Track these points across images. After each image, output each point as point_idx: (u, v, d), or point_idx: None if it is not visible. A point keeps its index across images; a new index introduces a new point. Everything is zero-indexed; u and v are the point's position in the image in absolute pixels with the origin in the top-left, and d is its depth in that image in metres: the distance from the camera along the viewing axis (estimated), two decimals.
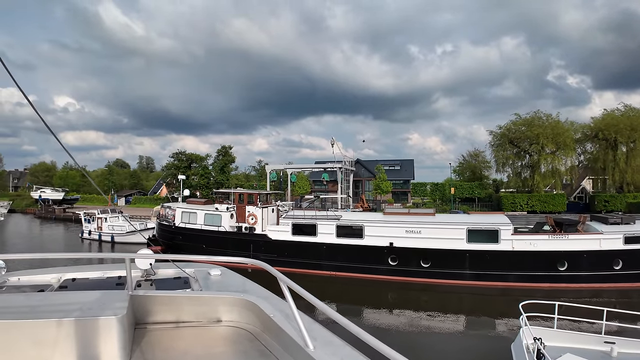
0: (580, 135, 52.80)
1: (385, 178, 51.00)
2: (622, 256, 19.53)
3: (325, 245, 22.49)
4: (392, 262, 21.16)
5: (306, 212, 24.46)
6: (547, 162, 50.30)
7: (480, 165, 66.64)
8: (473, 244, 20.27)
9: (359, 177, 61.50)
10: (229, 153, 62.91)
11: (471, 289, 19.77)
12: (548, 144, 48.79)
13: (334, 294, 19.51)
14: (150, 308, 3.41)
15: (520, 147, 51.72)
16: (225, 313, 3.54)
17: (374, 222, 22.12)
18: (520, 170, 53.16)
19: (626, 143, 49.30)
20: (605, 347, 8.67)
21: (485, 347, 12.85)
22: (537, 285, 19.44)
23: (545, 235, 20.25)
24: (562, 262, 19.69)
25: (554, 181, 52.30)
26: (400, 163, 67.59)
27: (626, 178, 49.01)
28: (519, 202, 48.83)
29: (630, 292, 18.95)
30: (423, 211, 25.19)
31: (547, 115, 51.69)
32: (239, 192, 27.27)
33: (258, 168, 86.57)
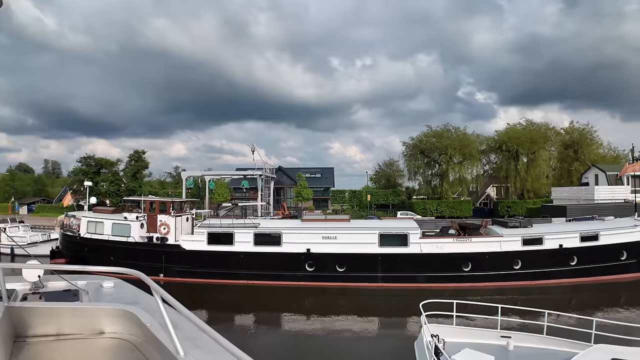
0: (486, 146, 58.02)
1: (306, 185, 51.67)
2: (521, 257, 21.34)
3: (242, 254, 22.16)
4: (310, 268, 21.42)
5: (222, 221, 23.97)
6: (455, 171, 54.51)
7: (395, 173, 70.38)
8: (385, 247, 21.14)
9: (281, 184, 61.59)
10: (142, 158, 59.75)
11: (383, 291, 20.61)
12: (456, 154, 52.93)
13: (251, 303, 19.27)
14: (30, 320, 3.27)
15: (431, 157, 55.35)
16: (107, 325, 3.48)
17: (291, 229, 22.24)
18: (431, 179, 56.92)
19: (527, 154, 54.90)
20: (502, 342, 9.27)
21: (395, 347, 13.45)
22: (444, 285, 20.65)
23: (451, 239, 21.71)
24: (467, 263, 21.15)
25: (461, 189, 56.53)
26: (321, 171, 68.87)
27: (526, 186, 54.48)
28: (429, 207, 51.99)
29: (528, 290, 20.71)
30: (339, 217, 25.82)
31: (455, 128, 56.16)
32: (150, 199, 25.91)
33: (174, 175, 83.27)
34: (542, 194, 54.25)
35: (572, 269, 21.59)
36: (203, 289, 21.17)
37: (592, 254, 21.75)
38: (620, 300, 19.67)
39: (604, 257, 21.86)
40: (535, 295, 20.07)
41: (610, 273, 21.81)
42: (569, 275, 21.51)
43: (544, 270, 21.33)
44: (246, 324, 16.70)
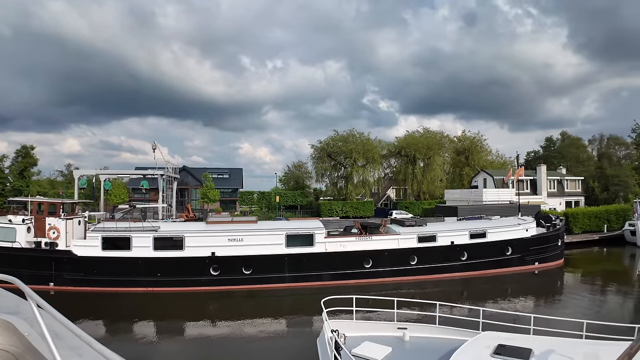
0: (387, 151, 62.22)
1: (212, 186, 50.13)
2: (417, 253, 22.94)
3: (141, 259, 20.84)
4: (214, 272, 20.80)
5: (119, 224, 22.36)
6: (359, 173, 57.44)
7: (303, 175, 71.71)
8: (291, 248, 21.35)
9: (185, 185, 59.18)
10: (30, 154, 53.29)
11: (291, 290, 20.75)
12: (360, 158, 55.71)
13: (153, 311, 18.16)
14: None
15: (337, 160, 57.43)
16: None
17: (195, 232, 21.42)
18: (337, 181, 59.03)
19: (423, 159, 59.84)
20: (399, 333, 9.70)
21: (300, 345, 13.56)
22: (347, 282, 21.44)
23: (353, 237, 22.59)
24: (368, 260, 22.15)
25: (364, 190, 59.43)
26: (229, 171, 67.37)
27: (422, 188, 59.32)
28: (335, 208, 53.75)
29: (424, 283, 22.26)
30: (245, 219, 25.50)
31: (360, 133, 59.22)
32: (38, 200, 23.32)
33: (66, 173, 75.86)
34: (437, 196, 59.01)
35: (462, 264, 23.71)
36: (99, 298, 19.53)
37: (480, 249, 24.11)
38: (505, 292, 22.02)
39: (490, 253, 24.34)
40: (430, 289, 21.59)
41: (496, 267, 24.36)
42: (460, 269, 23.60)
43: (437, 265, 23.12)
44: (148, 333, 15.72)
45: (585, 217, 38.86)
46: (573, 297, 20.40)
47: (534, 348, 7.80)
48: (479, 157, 63.39)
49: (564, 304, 19.23)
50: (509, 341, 8.35)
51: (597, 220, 39.11)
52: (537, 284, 23.74)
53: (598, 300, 20.02)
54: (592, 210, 40.17)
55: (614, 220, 39.41)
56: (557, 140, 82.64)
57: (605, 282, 24.38)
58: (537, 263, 25.60)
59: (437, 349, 8.71)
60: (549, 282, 24.19)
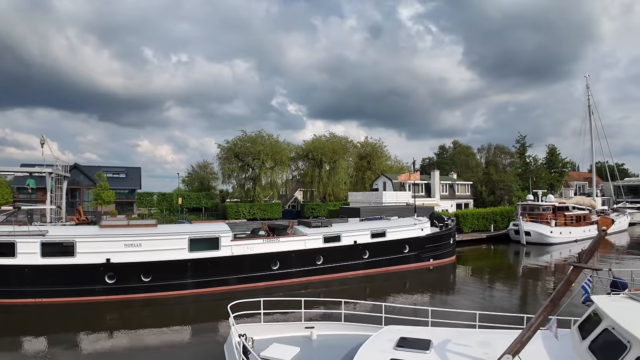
0: (295, 154, 63.34)
1: (107, 187, 46.52)
2: (323, 253, 23.63)
3: (27, 267, 18.73)
4: (110, 280, 19.38)
5: (1, 228, 19.88)
6: (267, 175, 57.60)
7: (209, 176, 69.79)
8: (195, 252, 20.66)
9: (77, 184, 54.36)
10: None
11: (194, 297, 20.06)
12: (268, 160, 55.82)
13: (41, 324, 16.33)
14: None
15: (245, 161, 56.83)
16: None
17: (88, 236, 19.75)
18: (244, 182, 58.43)
19: (329, 162, 61.82)
20: (306, 332, 9.91)
21: (205, 352, 13.24)
22: (256, 285, 21.33)
23: (261, 240, 22.56)
24: (275, 262, 22.25)
25: (272, 192, 59.55)
26: (126, 170, 63.08)
27: (328, 190, 61.31)
28: (242, 210, 53.05)
29: (330, 282, 23.04)
30: (144, 222, 24.16)
31: (268, 135, 59.46)
32: None
33: None
34: (341, 198, 61.20)
35: (365, 262, 25.01)
36: None
37: (381, 248, 25.62)
38: (405, 287, 23.61)
39: (390, 251, 25.97)
40: (336, 287, 22.40)
41: (395, 264, 26.10)
42: (363, 267, 24.90)
43: (342, 264, 24.07)
44: (38, 348, 14.08)
45: (474, 218, 43.16)
46: (465, 290, 22.42)
47: (432, 339, 8.41)
48: (380, 162, 67.45)
49: (458, 296, 21.04)
50: (410, 334, 8.92)
51: (485, 221, 43.63)
52: (432, 278, 25.76)
53: (488, 292, 22.11)
54: (480, 211, 44.72)
55: (500, 221, 44.30)
56: (449, 148, 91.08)
57: (494, 276, 27.24)
58: (432, 260, 27.91)
59: (344, 345, 8.99)
60: (443, 277, 26.40)
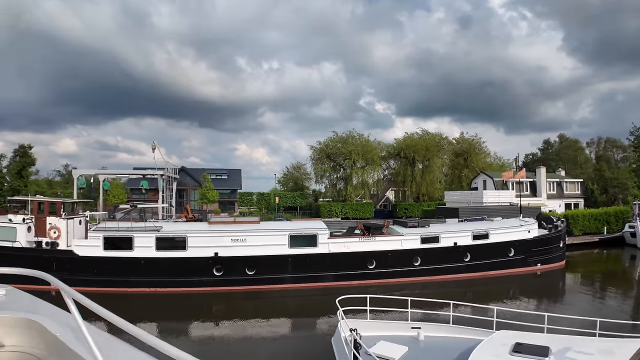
0: (386, 153, 62.11)
1: (211, 187, 49.98)
2: (420, 254, 22.88)
3: (143, 259, 20.68)
4: (217, 273, 20.67)
5: (120, 224, 22.18)
6: (358, 175, 57.35)
7: (302, 176, 71.63)
8: (294, 248, 21.24)
9: (184, 185, 58.96)
10: (28, 154, 52.89)
11: (294, 291, 20.64)
12: (359, 159, 55.61)
13: (154, 312, 17.96)
14: None
15: (336, 161, 57.35)
16: (6, 336, 2.99)
17: (198, 232, 21.27)
18: (336, 182, 58.94)
19: (422, 161, 59.77)
20: (413, 332, 9.73)
21: (310, 345, 13.46)
22: (351, 283, 21.35)
23: (356, 238, 22.51)
24: (371, 261, 22.07)
25: (364, 192, 59.29)
26: (227, 172, 67.15)
27: (421, 189, 59.25)
28: (334, 210, 53.60)
29: (427, 285, 22.21)
30: (248, 219, 25.37)
31: (359, 135, 59.08)
32: (39, 200, 23.14)
33: (64, 173, 75.35)
34: (436, 197, 59.05)
35: (466, 265, 23.64)
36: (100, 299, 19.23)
37: (483, 250, 24.04)
38: (509, 292, 22.03)
39: (493, 254, 24.27)
40: (434, 290, 21.53)
41: (499, 268, 24.33)
42: (463, 270, 23.55)
43: (441, 266, 23.05)
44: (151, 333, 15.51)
45: (585, 219, 39.02)
46: (577, 297, 20.42)
47: (550, 346, 7.85)
48: (478, 159, 63.47)
49: (569, 304, 19.21)
50: (525, 339, 8.42)
51: (597, 222, 39.27)
52: (539, 284, 23.75)
53: (601, 300, 20.02)
54: (591, 212, 40.34)
55: (614, 222, 39.56)
56: (554, 142, 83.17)
57: (607, 282, 24.43)
58: (539, 264, 25.62)
59: (453, 347, 8.73)
60: (552, 283, 24.20)
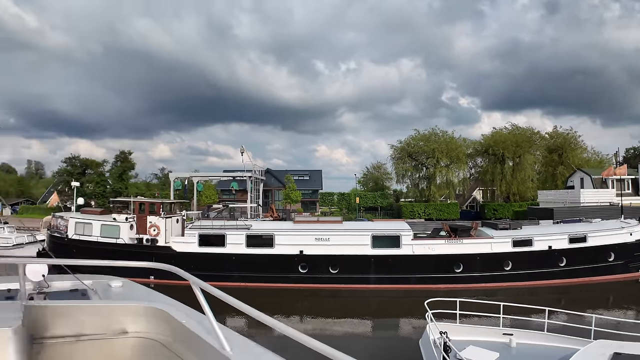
0: (472, 150, 58.71)
1: (294, 188, 51.57)
2: (511, 258, 21.65)
3: (234, 255, 21.99)
4: (302, 270, 21.35)
5: (214, 222, 23.75)
6: (442, 174, 55.06)
7: (383, 176, 70.97)
8: (377, 249, 21.22)
9: (269, 186, 61.35)
10: (128, 159, 58.86)
11: (376, 292, 20.65)
12: (443, 157, 53.45)
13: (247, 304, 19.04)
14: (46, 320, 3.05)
15: (418, 160, 55.82)
16: (131, 323, 3.27)
17: (284, 230, 22.15)
18: (418, 182, 57.28)
19: (512, 158, 55.66)
20: (505, 339, 9.38)
21: (394, 346, 13.45)
22: (436, 286, 20.72)
23: (442, 240, 21.90)
24: (458, 265, 21.36)
25: (448, 191, 57.16)
26: (309, 173, 68.82)
27: (512, 189, 55.23)
28: (417, 210, 52.29)
29: (519, 291, 20.91)
30: (331, 219, 25.81)
31: (442, 132, 56.66)
32: (140, 201, 25.62)
33: (160, 176, 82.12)
34: (528, 197, 55.07)
35: (561, 270, 21.93)
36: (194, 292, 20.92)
37: (581, 255, 22.13)
38: (609, 300, 20.09)
39: (592, 259, 22.25)
40: (524, 296, 20.29)
41: (598, 274, 22.20)
42: (559, 276, 21.85)
43: (534, 272, 21.64)
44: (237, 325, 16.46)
45: None
46: None
47: None
48: (574, 154, 57.86)
49: None
50: (625, 349, 7.80)
51: None
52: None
53: None
54: None
55: None
56: None
57: None
58: None
59: (546, 356, 8.31)
60: None
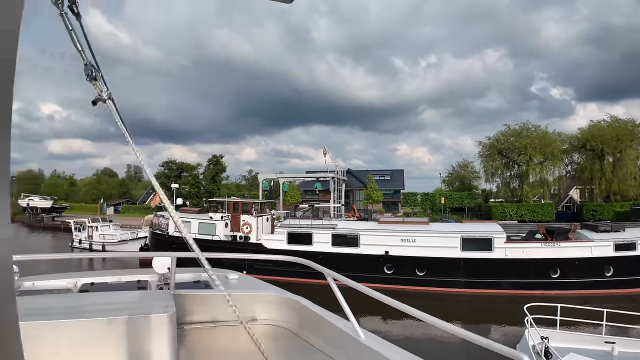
0: (568, 145, 54.00)
1: (376, 188, 51.35)
2: (613, 263, 19.98)
3: (320, 254, 22.55)
4: (388, 271, 21.34)
5: (302, 222, 24.57)
6: (536, 172, 51.23)
7: (470, 175, 67.69)
8: (467, 252, 20.58)
9: (350, 187, 61.79)
10: (220, 162, 63.07)
11: (465, 296, 20.01)
12: (536, 154, 49.74)
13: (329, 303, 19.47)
14: (189, 308, 3.35)
15: (509, 157, 52.59)
16: (261, 311, 3.53)
17: (369, 230, 22.32)
18: (509, 181, 53.96)
19: (612, 153, 50.33)
20: (606, 347, 8.93)
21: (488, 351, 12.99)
22: (530, 292, 19.66)
23: (538, 243, 20.64)
24: (554, 269, 20.06)
25: (542, 191, 53.04)
26: (390, 173, 68.08)
27: (612, 187, 49.96)
28: (508, 211, 49.35)
29: (620, 298, 19.18)
30: (417, 220, 25.46)
31: (535, 126, 52.72)
32: (234, 200, 27.34)
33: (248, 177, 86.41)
34: (630, 197, 49.41)
35: None
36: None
37: None
38: None
39: None
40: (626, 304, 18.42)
41: None
42: None
43: (637, 278, 19.68)
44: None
45: None
46: None
47: None
48: None
49: None
50: None
51: None
52: None
53: None
54: None
55: None
56: None
57: None
58: None
59: None
60: None
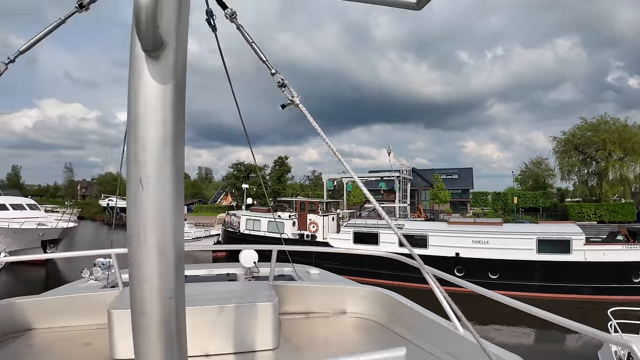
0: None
1: (443, 187, 50.19)
2: None
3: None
4: (459, 273, 21.15)
5: (368, 221, 24.95)
6: (615, 169, 47.66)
7: (544, 173, 63.74)
8: (543, 254, 19.96)
9: (415, 186, 60.88)
10: (285, 163, 65.12)
11: (541, 301, 19.38)
12: (616, 149, 46.25)
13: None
14: (283, 298, 3.48)
15: (587, 153, 49.34)
16: (351, 305, 3.70)
17: (438, 231, 22.24)
18: (587, 178, 50.58)
19: None
20: None
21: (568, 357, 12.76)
22: (610, 297, 18.69)
23: (619, 246, 19.60)
24: (637, 274, 18.98)
25: (623, 189, 49.26)
26: (458, 172, 65.96)
27: None
28: (586, 211, 46.29)
29: None
30: (490, 221, 24.95)
31: (613, 119, 49.11)
32: (301, 200, 28.36)
33: (312, 178, 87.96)
34: None
35: None
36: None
37: None
38: None
39: None
40: None
41: None
42: None
43: None
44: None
45: None
46: None
47: None
48: None
49: None
50: None
51: None
52: None
53: None
54: None
55: None
56: None
57: None
58: None
59: None
60: None
